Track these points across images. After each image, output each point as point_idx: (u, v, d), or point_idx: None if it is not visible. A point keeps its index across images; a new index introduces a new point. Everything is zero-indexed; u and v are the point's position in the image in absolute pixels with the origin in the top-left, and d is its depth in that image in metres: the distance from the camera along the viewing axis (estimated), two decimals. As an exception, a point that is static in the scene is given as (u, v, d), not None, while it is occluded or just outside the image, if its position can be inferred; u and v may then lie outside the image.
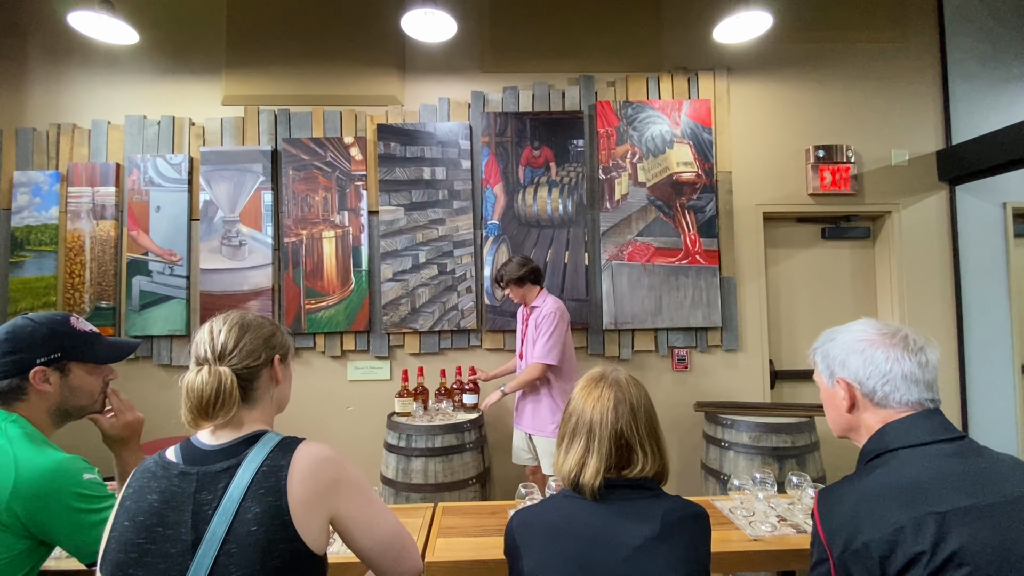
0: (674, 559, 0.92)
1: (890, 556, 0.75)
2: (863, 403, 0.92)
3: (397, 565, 0.98)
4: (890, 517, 0.77)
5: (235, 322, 0.99)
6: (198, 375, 0.92)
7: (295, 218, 3.15)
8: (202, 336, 0.97)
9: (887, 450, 0.87)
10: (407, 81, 3.27)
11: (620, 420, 0.99)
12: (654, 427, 1.02)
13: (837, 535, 0.80)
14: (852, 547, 0.78)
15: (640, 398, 1.03)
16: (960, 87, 3.35)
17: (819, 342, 1.01)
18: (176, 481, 0.89)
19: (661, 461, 1.01)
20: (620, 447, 0.99)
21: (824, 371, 0.99)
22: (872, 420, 0.92)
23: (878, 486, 0.82)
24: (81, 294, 3.09)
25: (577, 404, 1.06)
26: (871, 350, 0.92)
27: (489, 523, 1.49)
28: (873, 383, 0.90)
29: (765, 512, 1.47)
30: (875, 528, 0.77)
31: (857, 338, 0.94)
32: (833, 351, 0.96)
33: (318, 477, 0.90)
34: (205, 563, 0.82)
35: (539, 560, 0.95)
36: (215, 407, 0.91)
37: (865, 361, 0.91)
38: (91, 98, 3.22)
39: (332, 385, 3.16)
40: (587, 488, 0.98)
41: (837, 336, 0.98)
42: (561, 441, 1.05)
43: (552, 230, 3.18)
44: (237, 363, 0.94)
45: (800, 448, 2.60)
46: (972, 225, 3.32)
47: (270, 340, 1.01)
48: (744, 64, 3.31)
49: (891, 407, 0.90)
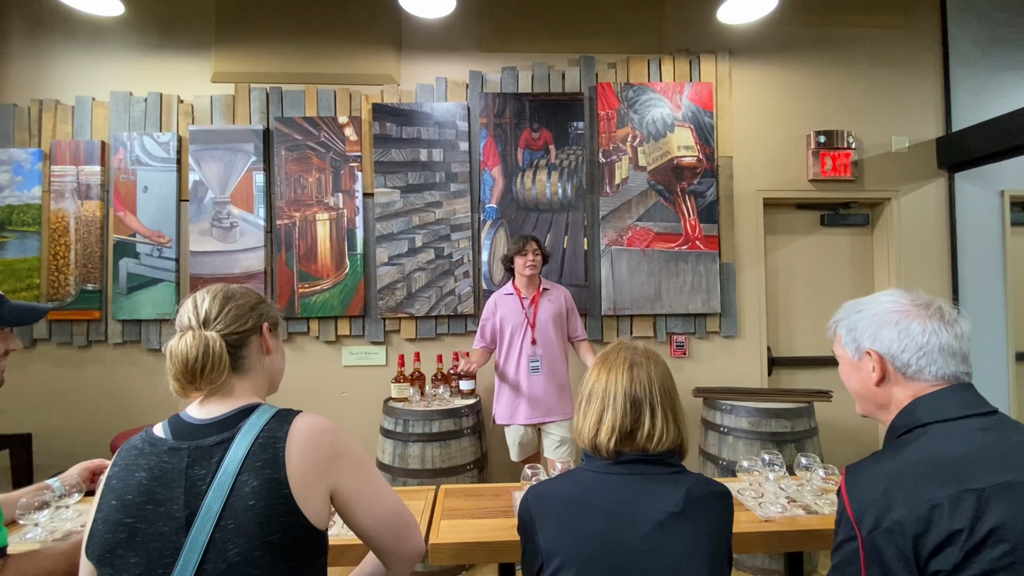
0: (697, 536, 0.89)
1: (925, 534, 0.72)
2: (894, 376, 0.88)
3: (399, 544, 0.94)
4: (925, 494, 0.74)
5: (219, 291, 0.95)
6: (181, 339, 0.88)
7: (288, 200, 3.07)
8: (186, 307, 0.93)
9: (918, 425, 0.83)
10: (403, 59, 3.19)
11: (634, 382, 0.99)
12: (670, 395, 1.00)
13: (867, 513, 0.77)
14: (883, 525, 0.75)
15: (657, 362, 1.03)
16: (961, 73, 3.33)
17: (842, 314, 0.97)
18: (166, 457, 0.84)
19: (679, 432, 0.99)
20: (634, 406, 0.97)
21: (849, 344, 0.94)
22: (901, 395, 0.88)
23: (911, 462, 0.79)
24: (66, 276, 3.00)
25: (593, 374, 1.05)
26: (906, 322, 0.87)
27: (493, 505, 1.46)
28: (908, 356, 0.86)
29: (775, 493, 1.45)
30: (909, 505, 0.74)
31: (888, 309, 0.89)
32: (862, 323, 0.92)
33: (319, 449, 0.86)
34: (200, 540, 0.78)
35: (556, 534, 0.92)
36: (202, 372, 0.86)
37: (900, 333, 0.87)
38: (75, 73, 3.10)
39: (326, 371, 3.11)
40: (603, 447, 0.96)
41: (865, 307, 0.93)
42: (579, 407, 1.04)
43: (551, 214, 3.13)
44: (223, 328, 0.90)
45: (799, 433, 2.59)
46: (970, 213, 3.32)
47: (257, 307, 0.97)
48: (746, 47, 3.26)
49: (924, 380, 0.86)
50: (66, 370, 3.03)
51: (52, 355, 3.03)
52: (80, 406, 3.01)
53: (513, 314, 2.61)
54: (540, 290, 2.63)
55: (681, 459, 1.00)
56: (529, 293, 2.63)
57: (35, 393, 3.00)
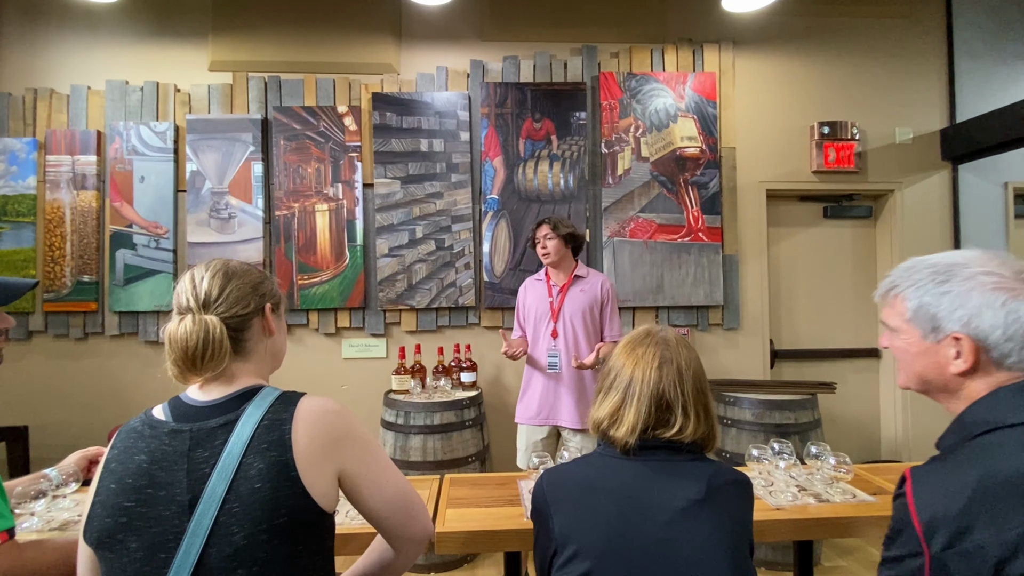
0: (720, 523, 0.86)
1: (1011, 560, 0.64)
2: (985, 367, 0.73)
3: (408, 527, 0.92)
4: (1017, 516, 0.64)
5: (218, 269, 0.90)
6: (181, 324, 0.84)
7: (287, 190, 3.03)
8: (183, 285, 0.89)
9: (1004, 425, 0.70)
10: (403, 48, 3.15)
11: (663, 381, 0.92)
12: (702, 390, 0.95)
13: (940, 529, 0.67)
14: (961, 546, 0.66)
15: (690, 360, 0.96)
16: (966, 64, 3.31)
17: (909, 277, 0.80)
18: (167, 440, 0.81)
19: (708, 427, 0.94)
20: (660, 408, 0.92)
21: (921, 320, 0.77)
22: (981, 385, 0.74)
23: (998, 475, 0.67)
24: (62, 267, 2.96)
25: (617, 361, 0.98)
26: (1013, 303, 0.71)
27: (499, 494, 1.44)
28: (1012, 346, 0.71)
29: (786, 482, 1.43)
30: (995, 528, 0.65)
31: (989, 284, 0.72)
32: (948, 299, 0.74)
33: (326, 430, 0.83)
34: (204, 524, 0.75)
35: (571, 519, 0.89)
36: (203, 359, 0.83)
37: (1008, 316, 0.70)
38: (69, 62, 3.05)
39: (326, 363, 3.08)
40: (619, 443, 0.92)
41: (953, 275, 0.75)
42: (597, 395, 0.99)
43: (553, 205, 3.10)
44: (224, 311, 0.86)
45: (803, 425, 2.58)
46: (973, 205, 3.31)
47: (259, 287, 0.92)
48: (750, 37, 3.23)
49: (1014, 370, 0.73)
50: (63, 362, 2.99)
51: (48, 347, 2.99)
52: (77, 399, 2.97)
53: (539, 302, 2.36)
54: (572, 277, 2.33)
55: (706, 451, 0.96)
56: (559, 280, 2.36)
57: (31, 385, 2.96)
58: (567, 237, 2.30)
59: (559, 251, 2.29)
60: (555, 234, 2.28)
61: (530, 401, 2.35)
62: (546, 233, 2.29)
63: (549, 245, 2.28)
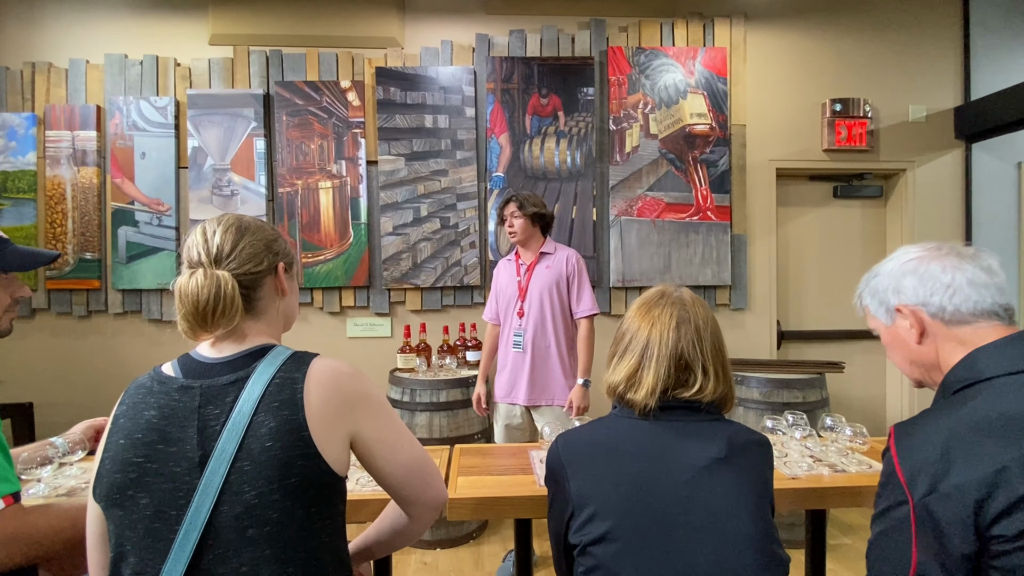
0: (741, 482, 0.85)
1: (989, 499, 0.66)
2: (934, 326, 0.82)
3: (423, 492, 0.90)
4: (990, 456, 0.68)
5: (231, 223, 0.87)
6: (192, 278, 0.81)
7: (289, 167, 2.99)
8: (194, 238, 0.85)
9: (980, 379, 0.76)
10: (407, 22, 3.08)
11: (682, 340, 0.90)
12: (720, 349, 0.93)
13: (920, 476, 0.71)
14: (940, 489, 0.69)
15: (707, 319, 0.94)
16: (981, 40, 3.24)
17: (861, 285, 0.93)
18: (176, 396, 0.79)
19: (727, 386, 0.92)
20: (680, 368, 0.90)
21: (878, 309, 0.89)
22: (949, 347, 0.81)
23: (971, 420, 0.72)
24: (64, 245, 2.93)
25: (632, 324, 0.96)
26: (924, 266, 0.83)
27: (510, 463, 1.42)
28: (939, 298, 0.80)
29: (800, 452, 1.42)
30: (970, 468, 0.68)
31: (903, 261, 0.86)
32: (882, 283, 0.88)
33: (339, 392, 0.81)
34: (215, 481, 0.73)
35: (589, 480, 0.87)
36: (215, 314, 0.80)
37: (921, 278, 0.82)
38: (68, 35, 3.00)
39: (331, 342, 3.06)
40: (638, 406, 0.90)
41: (880, 269, 0.90)
42: (611, 360, 0.97)
43: (559, 183, 3.05)
44: (236, 267, 0.83)
45: (811, 404, 2.56)
46: (986, 185, 3.26)
47: (272, 245, 0.89)
48: (761, 11, 3.16)
49: (967, 322, 0.79)
50: (66, 340, 2.98)
51: (52, 325, 2.97)
52: (81, 376, 2.97)
53: (508, 282, 2.33)
54: (539, 255, 2.28)
55: (724, 411, 0.94)
56: (527, 259, 2.31)
57: (36, 363, 2.95)
58: (534, 216, 2.23)
59: (526, 230, 2.23)
60: (521, 213, 2.21)
61: (501, 380, 2.34)
62: (512, 211, 2.22)
63: (516, 224, 2.22)
